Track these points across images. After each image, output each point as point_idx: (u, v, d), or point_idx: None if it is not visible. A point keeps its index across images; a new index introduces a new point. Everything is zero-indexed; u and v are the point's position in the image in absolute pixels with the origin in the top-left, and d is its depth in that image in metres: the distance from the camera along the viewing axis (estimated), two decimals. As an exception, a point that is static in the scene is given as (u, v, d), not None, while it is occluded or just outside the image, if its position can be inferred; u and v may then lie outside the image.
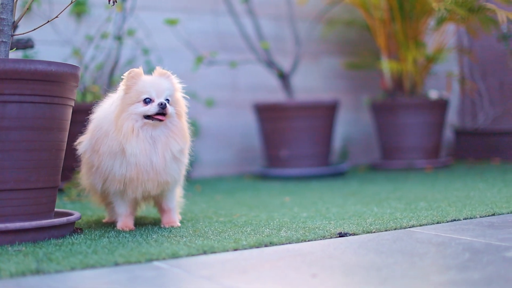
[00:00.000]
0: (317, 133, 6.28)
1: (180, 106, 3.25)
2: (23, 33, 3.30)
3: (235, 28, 6.61)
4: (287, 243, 2.87)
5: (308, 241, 2.92)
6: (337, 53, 7.43)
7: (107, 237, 3.00)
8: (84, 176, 3.37)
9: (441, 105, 6.78)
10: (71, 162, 3.55)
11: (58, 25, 5.82)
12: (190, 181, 6.20)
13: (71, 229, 3.09)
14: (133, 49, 6.11)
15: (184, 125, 3.25)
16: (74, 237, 2.98)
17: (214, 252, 2.69)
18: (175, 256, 2.61)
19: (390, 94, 6.88)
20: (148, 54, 6.06)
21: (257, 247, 2.79)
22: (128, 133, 3.05)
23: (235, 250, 2.74)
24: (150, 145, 3.09)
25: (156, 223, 3.44)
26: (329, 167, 6.28)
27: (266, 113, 6.29)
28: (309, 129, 6.24)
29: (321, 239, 2.96)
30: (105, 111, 3.17)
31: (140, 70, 3.19)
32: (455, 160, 7.62)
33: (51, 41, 5.81)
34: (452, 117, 7.94)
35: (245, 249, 2.76)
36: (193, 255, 2.64)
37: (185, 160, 3.27)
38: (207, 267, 2.45)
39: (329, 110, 6.33)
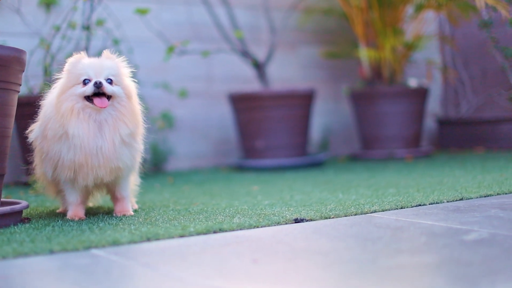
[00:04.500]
0: (293, 123, 6.15)
1: (129, 90, 3.11)
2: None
3: (209, 18, 6.48)
4: (238, 230, 2.75)
5: (261, 227, 2.81)
6: (314, 42, 7.31)
7: (52, 226, 2.88)
8: (37, 166, 3.24)
9: (421, 93, 6.66)
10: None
11: (27, 16, 5.69)
12: (164, 173, 6.08)
13: (17, 218, 2.96)
14: (104, 40, 5.97)
15: (135, 107, 3.11)
16: (18, 227, 2.86)
17: (158, 239, 2.57)
18: (116, 243, 2.49)
19: (369, 83, 6.76)
20: (118, 44, 5.93)
21: (205, 234, 2.67)
22: (67, 113, 2.93)
23: (181, 237, 2.62)
24: (95, 128, 2.95)
25: (110, 212, 3.32)
26: (306, 157, 6.15)
27: (241, 103, 6.16)
28: (285, 119, 6.12)
29: (275, 225, 2.84)
30: (51, 96, 3.05)
31: (82, 54, 3.07)
32: (438, 149, 7.50)
33: (19, 33, 5.68)
34: (435, 107, 7.82)
35: (192, 236, 2.64)
36: (135, 242, 2.52)
37: (138, 145, 3.13)
38: (147, 254, 2.33)
39: (305, 99, 6.20)
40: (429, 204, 3.27)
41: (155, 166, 6.34)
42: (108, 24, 5.94)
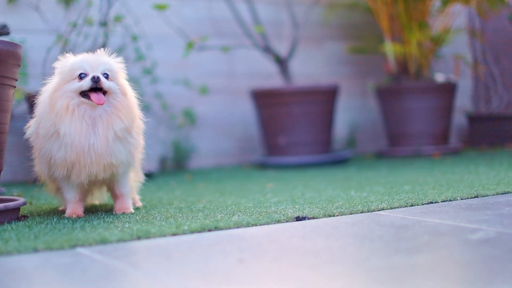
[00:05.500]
0: (316, 119, 6.03)
1: (125, 87, 3.03)
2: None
3: (230, 14, 6.38)
4: (234, 228, 2.65)
5: (260, 225, 2.70)
6: (339, 37, 7.17)
7: (46, 224, 2.80)
8: (36, 163, 3.17)
9: (449, 88, 6.49)
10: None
11: (46, 13, 5.65)
12: (187, 171, 6.01)
13: (13, 216, 2.89)
14: (123, 37, 5.91)
15: (131, 102, 3.03)
16: (11, 224, 2.79)
17: (149, 238, 2.48)
18: (104, 241, 2.40)
19: (395, 78, 6.61)
20: (137, 41, 5.87)
21: (199, 232, 2.58)
22: (61, 111, 2.85)
23: (174, 235, 2.53)
24: (88, 125, 2.87)
25: (112, 210, 3.23)
26: (329, 155, 6.03)
27: (263, 99, 6.06)
28: (308, 115, 6.00)
29: (274, 223, 2.74)
30: (46, 94, 2.97)
31: (71, 55, 3.01)
32: (468, 146, 7.31)
33: (38, 30, 5.64)
34: (465, 102, 7.63)
35: (185, 234, 2.55)
36: (124, 240, 2.43)
37: (134, 140, 3.02)
38: (133, 254, 2.24)
39: (328, 95, 6.07)
40: (441, 201, 3.14)
41: (177, 164, 6.27)
42: (127, 20, 5.88)
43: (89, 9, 5.49)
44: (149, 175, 5.45)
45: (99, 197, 3.48)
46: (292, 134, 6.01)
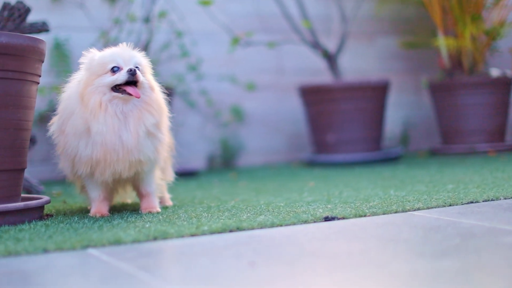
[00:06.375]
0: (365, 116, 5.87)
1: (152, 81, 2.95)
2: None
3: (278, 9, 6.25)
4: (257, 228, 2.54)
5: (284, 226, 2.58)
6: (391, 32, 6.98)
7: (66, 223, 2.73)
8: (60, 160, 3.10)
9: (505, 83, 6.24)
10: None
11: (91, 10, 5.62)
12: (234, 169, 5.92)
13: (35, 215, 2.82)
14: (168, 33, 5.85)
15: (159, 97, 2.95)
16: (31, 223, 2.72)
17: (166, 239, 2.38)
18: (118, 242, 2.31)
19: (449, 74, 6.39)
20: (181, 37, 5.79)
21: (219, 233, 2.47)
22: (95, 108, 2.77)
23: (192, 236, 2.43)
24: (120, 121, 2.79)
25: (138, 209, 3.15)
26: (379, 152, 5.86)
27: (311, 95, 5.92)
28: (357, 111, 5.84)
29: (300, 224, 2.62)
30: (71, 90, 2.90)
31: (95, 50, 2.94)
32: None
33: (84, 28, 5.61)
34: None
35: (204, 235, 2.44)
36: (139, 241, 2.34)
37: (163, 136, 2.94)
38: (143, 255, 2.14)
39: (379, 91, 5.91)
40: (482, 201, 2.98)
41: (225, 162, 6.18)
42: (171, 17, 5.81)
43: (132, 5, 5.43)
44: (193, 173, 5.39)
45: (131, 196, 3.41)
46: (341, 131, 5.86)
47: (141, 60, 2.95)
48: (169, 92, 5.42)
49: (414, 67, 7.06)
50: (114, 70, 2.84)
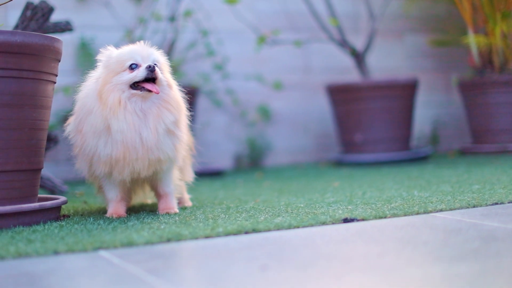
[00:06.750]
0: (394, 115, 5.78)
1: (169, 79, 2.91)
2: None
3: (305, 7, 6.18)
4: (274, 230, 2.48)
5: (302, 227, 2.53)
6: (421, 29, 6.88)
7: (82, 224, 2.70)
8: (77, 160, 3.06)
9: (537, 82, 6.12)
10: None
11: (116, 9, 5.60)
12: (261, 168, 5.87)
13: (50, 215, 2.80)
14: (193, 32, 5.82)
15: (177, 95, 2.91)
16: (46, 224, 2.69)
17: (180, 240, 2.34)
18: (130, 244, 2.27)
19: (479, 72, 6.28)
20: (207, 36, 5.75)
21: (234, 235, 2.42)
22: (114, 106, 2.73)
23: (207, 237, 2.38)
24: (140, 119, 2.76)
25: (156, 210, 3.11)
26: (407, 152, 5.77)
27: (338, 94, 5.85)
28: (385, 110, 5.76)
29: (318, 226, 2.56)
30: (88, 89, 2.87)
31: (112, 47, 2.90)
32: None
33: (109, 27, 5.59)
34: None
35: (219, 236, 2.39)
36: (152, 243, 2.30)
37: (181, 134, 2.89)
38: (154, 257, 2.10)
39: (407, 90, 5.82)
40: (508, 202, 2.90)
41: (252, 162, 6.14)
42: (197, 16, 5.77)
43: (157, 4, 5.40)
44: (219, 173, 5.35)
45: (151, 196, 3.37)
46: (369, 131, 5.78)
47: (159, 57, 2.91)
48: (194, 91, 5.43)
49: (443, 65, 6.95)
50: (132, 67, 2.81)
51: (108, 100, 2.75)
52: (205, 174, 5.23)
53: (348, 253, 2.07)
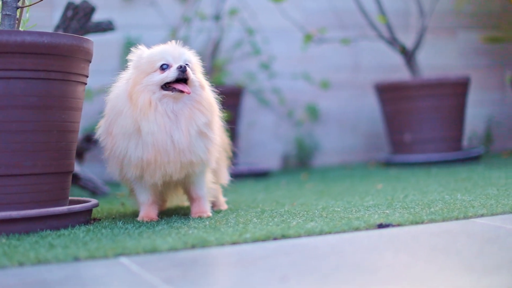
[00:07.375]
0: (444, 114, 5.63)
1: (202, 80, 2.84)
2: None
3: (354, 4, 6.05)
4: (304, 236, 2.40)
5: (334, 233, 2.44)
6: (474, 26, 6.70)
7: (109, 228, 2.65)
8: (108, 163, 3.01)
9: None
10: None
11: (162, 8, 5.57)
12: (309, 169, 5.79)
13: (80, 219, 2.75)
14: (239, 31, 5.75)
15: (210, 95, 2.84)
16: (74, 228, 2.65)
17: (204, 247, 2.27)
18: (153, 250, 2.21)
19: (534, 69, 6.09)
20: (253, 35, 5.68)
21: (262, 241, 2.34)
22: (145, 107, 2.68)
23: (233, 244, 2.30)
24: (171, 121, 2.69)
25: (188, 214, 3.05)
26: (458, 152, 5.61)
27: (387, 93, 5.72)
28: (436, 110, 5.61)
29: (351, 232, 2.46)
30: (119, 90, 2.81)
31: (143, 47, 2.84)
32: None
33: (155, 26, 5.57)
34: None
35: (246, 243, 2.31)
36: (176, 249, 2.23)
37: (214, 136, 2.82)
38: (175, 265, 2.03)
39: (458, 88, 5.66)
40: (555, 207, 2.76)
41: (300, 162, 6.05)
42: (243, 14, 5.71)
43: (201, 3, 5.35)
44: (265, 174, 5.28)
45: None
46: (418, 130, 5.64)
47: (191, 57, 2.85)
48: (241, 90, 5.36)
49: (497, 62, 6.76)
50: (164, 67, 2.75)
51: (138, 101, 2.69)
52: (251, 175, 5.17)
53: (375, 262, 1.98)
